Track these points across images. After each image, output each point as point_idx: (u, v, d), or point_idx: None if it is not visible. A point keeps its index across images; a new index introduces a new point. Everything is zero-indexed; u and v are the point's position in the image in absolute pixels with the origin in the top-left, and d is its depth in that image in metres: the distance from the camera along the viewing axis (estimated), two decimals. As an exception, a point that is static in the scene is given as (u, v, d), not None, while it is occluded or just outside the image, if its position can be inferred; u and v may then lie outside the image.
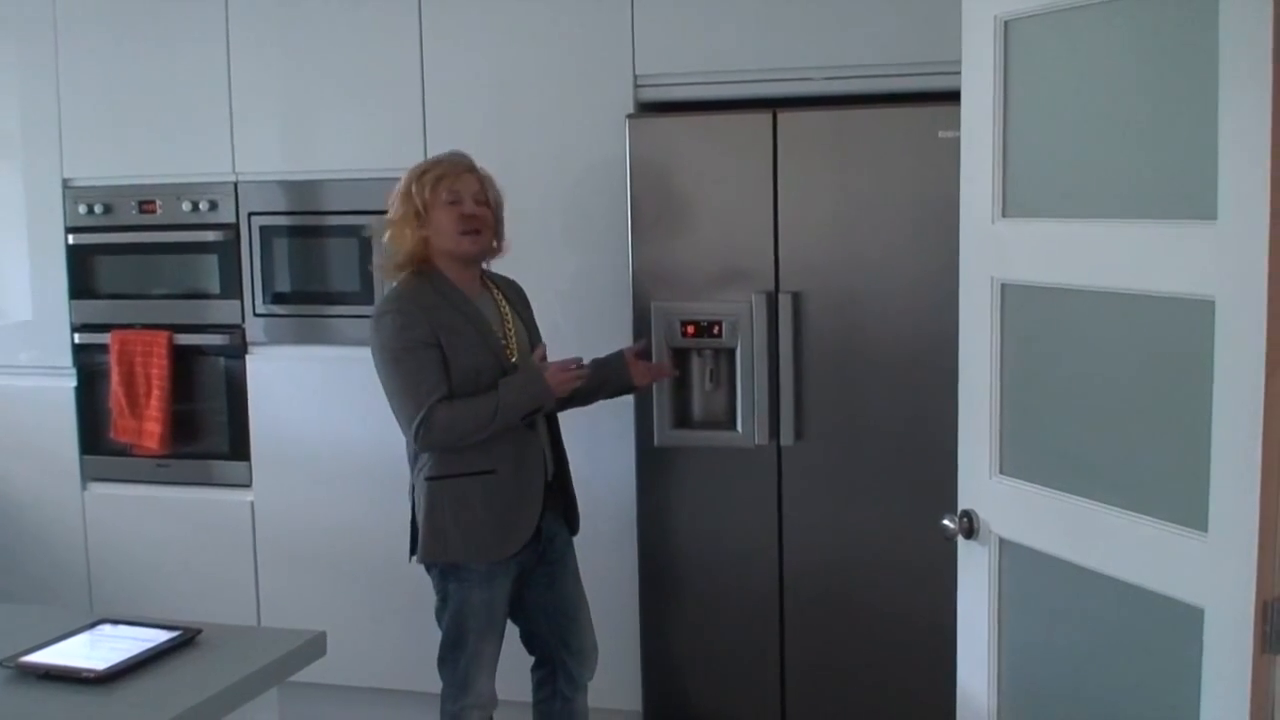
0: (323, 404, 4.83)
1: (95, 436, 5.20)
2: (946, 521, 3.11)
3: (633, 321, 4.25)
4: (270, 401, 4.94)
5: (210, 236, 4.96)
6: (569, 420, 3.95)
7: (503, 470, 3.66)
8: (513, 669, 3.97)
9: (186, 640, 2.57)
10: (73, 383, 5.20)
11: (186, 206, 4.96)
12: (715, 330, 4.18)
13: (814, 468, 4.18)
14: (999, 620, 3.07)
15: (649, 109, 4.43)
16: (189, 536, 5.08)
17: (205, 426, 5.09)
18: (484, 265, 3.84)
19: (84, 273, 5.15)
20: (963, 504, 3.11)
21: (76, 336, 5.17)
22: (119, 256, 5.10)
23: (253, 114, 4.86)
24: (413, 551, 3.79)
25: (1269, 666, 2.39)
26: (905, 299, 4.04)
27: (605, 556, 4.40)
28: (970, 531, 3.08)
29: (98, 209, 5.08)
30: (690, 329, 4.20)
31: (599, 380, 3.94)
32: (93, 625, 2.65)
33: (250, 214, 4.90)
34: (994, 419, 3.00)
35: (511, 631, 3.91)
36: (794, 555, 4.22)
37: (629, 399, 4.20)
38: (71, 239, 5.13)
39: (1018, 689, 3.08)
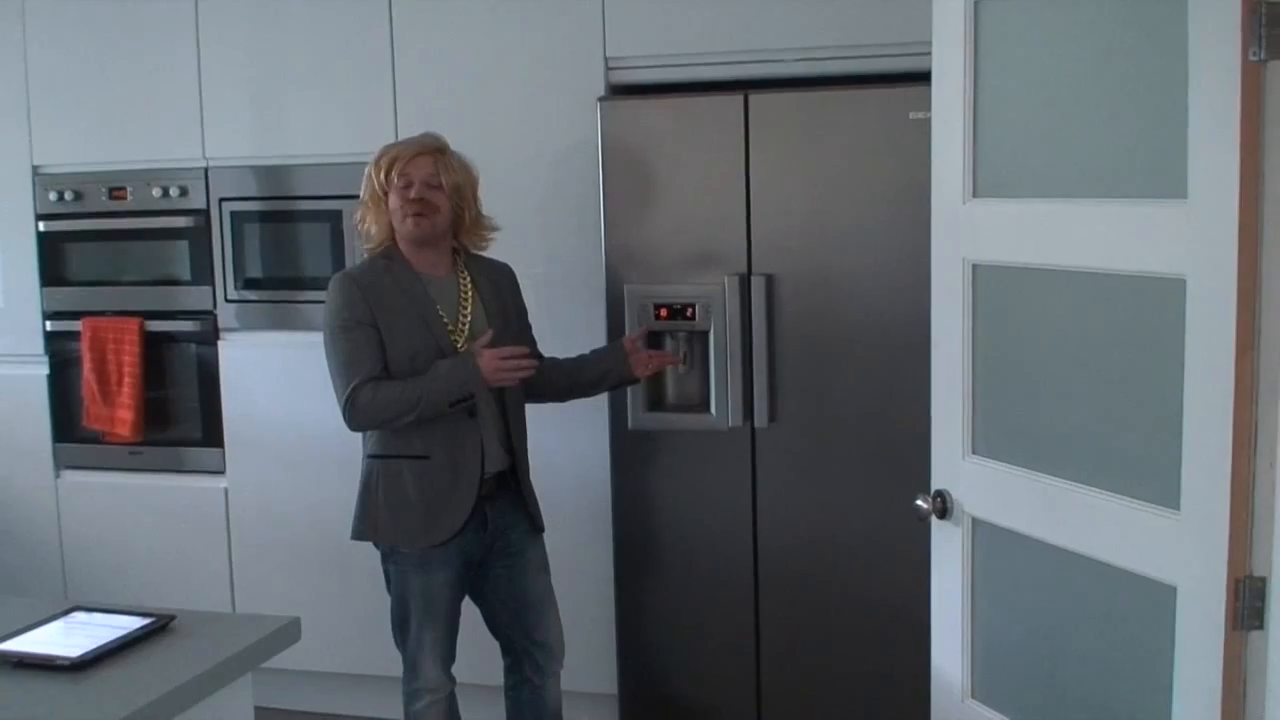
0: (295, 390, 4.81)
1: (68, 424, 5.19)
2: (920, 502, 3.13)
3: (606, 305, 4.25)
4: (243, 388, 4.93)
5: (181, 222, 4.94)
6: (540, 404, 3.95)
7: (437, 457, 3.65)
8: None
9: (160, 627, 2.57)
10: (45, 370, 5.18)
11: (157, 192, 4.94)
12: (688, 313, 4.17)
13: (788, 450, 4.18)
14: (972, 599, 3.09)
15: (620, 92, 4.42)
16: (162, 523, 5.07)
17: (178, 413, 5.07)
18: (470, 248, 3.83)
19: (55, 260, 5.12)
20: (936, 484, 3.12)
21: (48, 324, 5.15)
22: (90, 243, 5.08)
23: (222, 99, 4.84)
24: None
25: (1240, 643, 2.41)
26: (877, 280, 4.04)
27: (580, 540, 4.41)
28: (943, 511, 3.09)
29: (68, 196, 5.05)
30: (663, 312, 4.19)
31: (599, 371, 3.94)
32: (66, 613, 2.65)
33: (221, 199, 4.88)
34: (966, 399, 3.01)
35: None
36: (768, 537, 4.23)
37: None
38: (42, 226, 5.11)
39: (991, 667, 3.09)
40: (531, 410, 3.89)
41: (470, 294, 3.76)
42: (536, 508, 3.87)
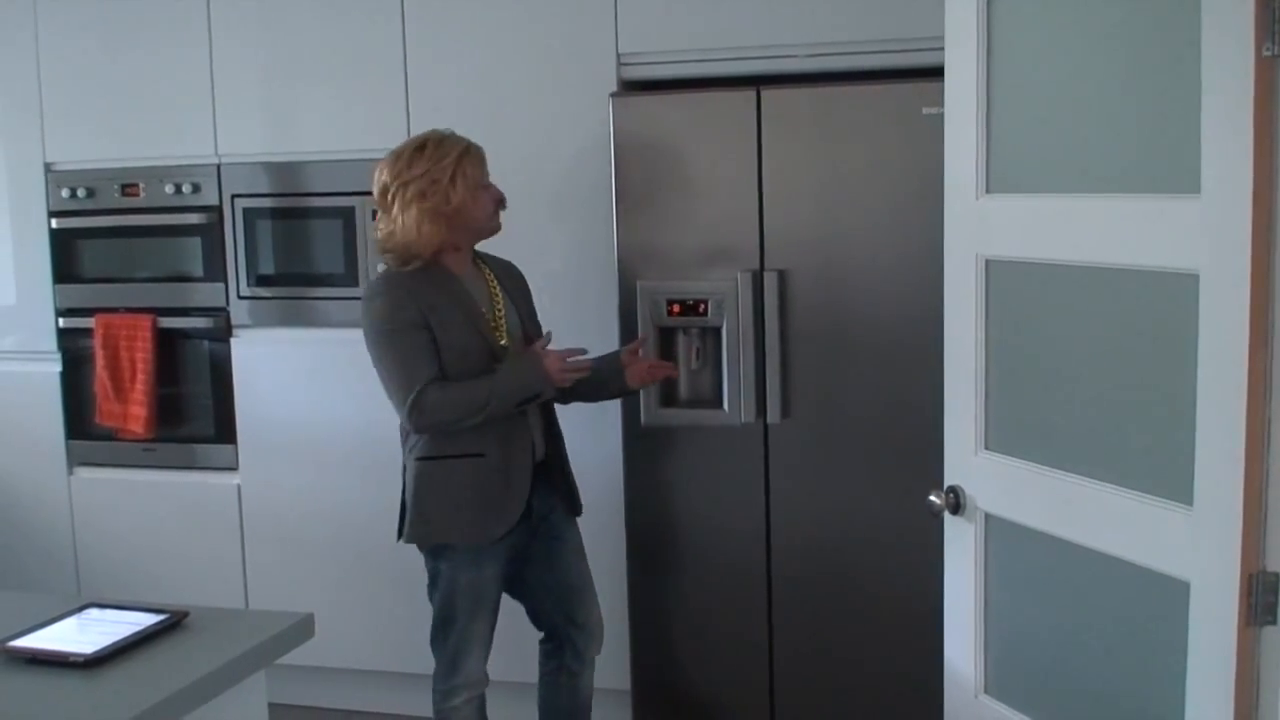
0: (308, 386, 4.82)
1: (81, 421, 5.19)
2: (933, 497, 3.12)
3: (618, 301, 4.24)
4: (255, 384, 4.94)
5: (193, 219, 4.94)
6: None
7: (491, 454, 3.65)
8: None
9: (174, 623, 2.57)
10: (57, 367, 5.19)
11: (169, 189, 4.94)
12: (701, 309, 4.17)
13: (801, 445, 4.18)
14: (985, 595, 3.08)
15: (632, 87, 4.42)
16: (175, 520, 5.08)
17: (191, 410, 5.08)
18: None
19: (67, 257, 5.13)
20: (949, 480, 3.12)
21: (61, 321, 5.16)
22: (102, 240, 5.09)
23: (235, 95, 4.85)
24: (401, 532, 3.79)
25: (1253, 639, 2.40)
26: (890, 276, 4.03)
27: (594, 536, 4.38)
28: (956, 507, 3.09)
29: (80, 193, 5.06)
30: (676, 308, 4.19)
31: (599, 380, 3.92)
32: (80, 609, 2.65)
33: (233, 196, 4.89)
34: (979, 395, 3.01)
35: (511, 610, 3.92)
36: (781, 532, 4.23)
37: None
38: (54, 223, 5.12)
39: (1004, 663, 3.09)
40: (544, 405, 3.90)
41: (497, 291, 3.78)
42: (577, 490, 3.92)
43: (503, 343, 3.69)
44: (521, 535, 3.77)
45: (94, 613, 2.63)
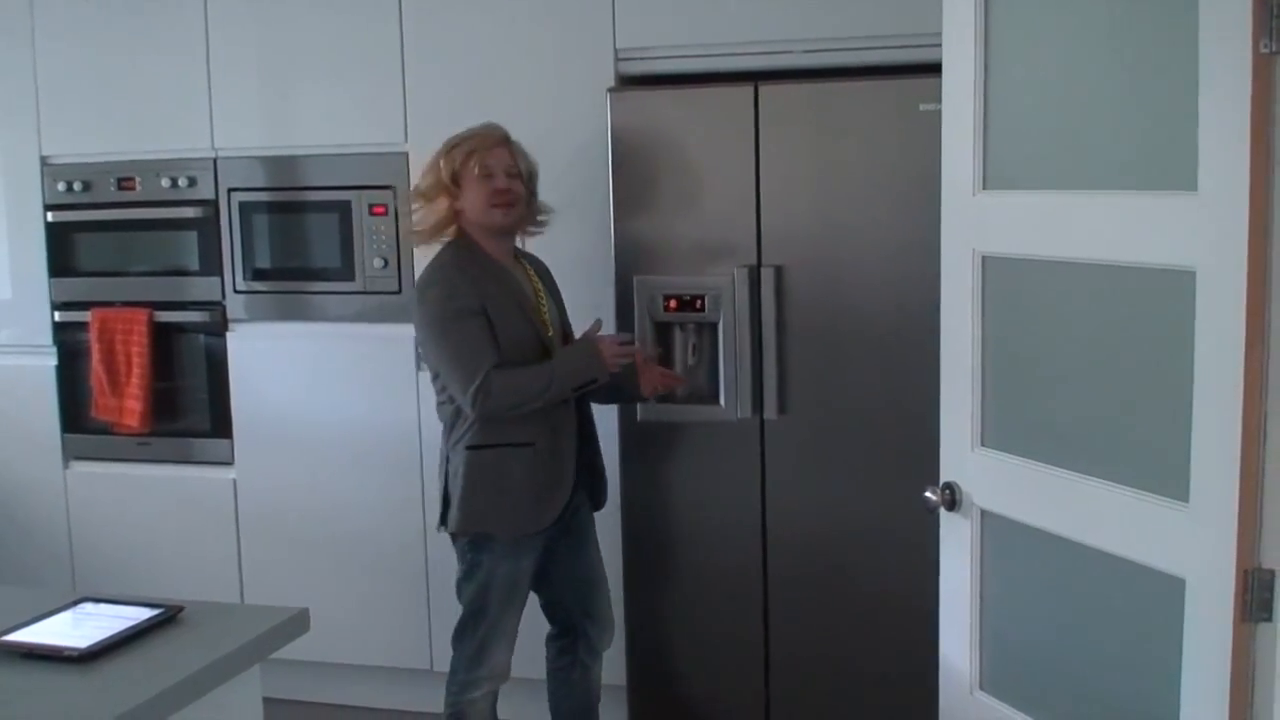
0: (304, 381, 4.82)
1: (76, 415, 5.18)
2: (928, 494, 3.12)
3: (615, 296, 4.24)
4: (251, 379, 4.93)
5: (190, 213, 4.94)
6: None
7: (540, 444, 3.68)
8: (520, 645, 3.97)
9: (169, 618, 2.57)
10: (53, 361, 5.18)
11: (166, 183, 4.94)
12: (698, 304, 4.17)
13: (797, 441, 4.18)
14: (981, 591, 3.08)
15: (630, 82, 4.41)
16: (171, 514, 5.07)
17: (186, 404, 5.07)
18: (517, 241, 3.89)
19: (63, 250, 5.12)
20: (945, 476, 3.12)
21: (56, 315, 5.15)
22: (98, 234, 5.08)
23: (231, 89, 4.84)
24: (443, 521, 3.78)
25: (1249, 635, 2.40)
26: (887, 272, 4.03)
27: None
28: (952, 504, 3.09)
29: (76, 186, 5.05)
30: (673, 303, 4.19)
31: (612, 384, 3.92)
32: (74, 604, 2.64)
33: (230, 190, 4.88)
34: (975, 391, 3.01)
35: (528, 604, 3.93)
36: (777, 528, 4.22)
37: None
38: (50, 216, 5.11)
39: (1000, 659, 3.09)
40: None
41: (538, 284, 3.83)
42: (605, 484, 3.97)
43: (549, 334, 3.74)
44: (556, 528, 3.80)
45: (89, 607, 2.63)
